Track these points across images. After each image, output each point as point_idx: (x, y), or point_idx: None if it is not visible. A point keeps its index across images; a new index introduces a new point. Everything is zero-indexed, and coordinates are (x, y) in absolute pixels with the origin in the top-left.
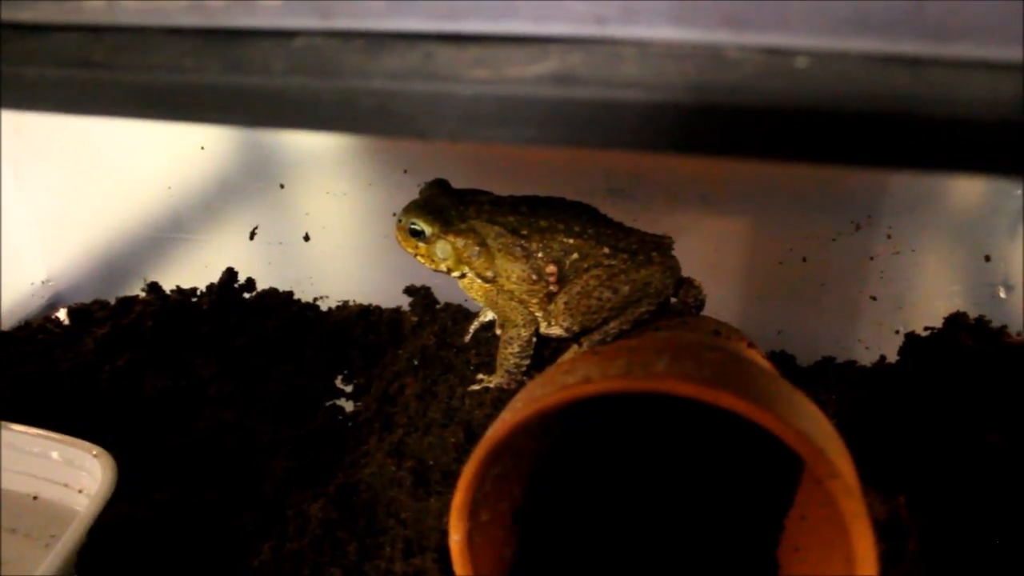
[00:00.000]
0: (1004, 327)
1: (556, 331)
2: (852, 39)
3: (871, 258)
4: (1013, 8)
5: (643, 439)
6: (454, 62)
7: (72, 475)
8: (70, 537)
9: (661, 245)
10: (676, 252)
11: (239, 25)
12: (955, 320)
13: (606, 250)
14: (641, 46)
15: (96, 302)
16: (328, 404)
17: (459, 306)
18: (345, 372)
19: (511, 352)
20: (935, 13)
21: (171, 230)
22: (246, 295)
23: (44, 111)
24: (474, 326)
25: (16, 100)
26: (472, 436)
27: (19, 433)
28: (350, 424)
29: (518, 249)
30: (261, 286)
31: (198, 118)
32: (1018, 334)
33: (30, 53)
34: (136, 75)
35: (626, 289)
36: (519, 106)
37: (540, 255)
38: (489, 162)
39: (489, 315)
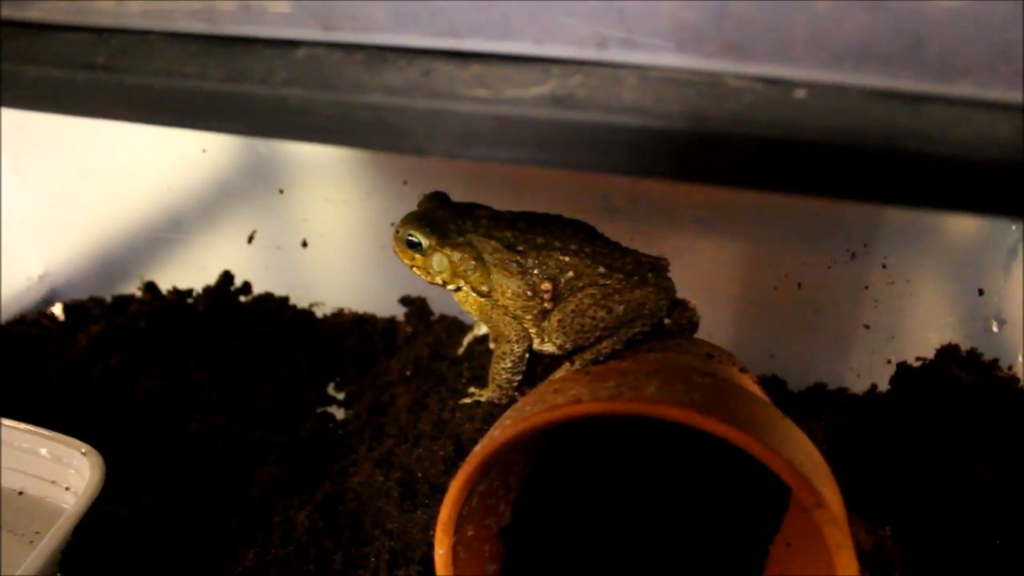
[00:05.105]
0: (996, 360)
1: (549, 348)
2: (852, 73)
3: (866, 287)
4: (1013, 49)
5: (632, 459)
6: (454, 80)
7: (60, 472)
8: (55, 535)
9: (657, 266)
10: (671, 274)
11: (243, 33)
12: (947, 352)
13: (602, 269)
14: (641, 71)
15: (92, 299)
16: (319, 411)
17: (454, 318)
18: (337, 380)
19: (503, 367)
20: (935, 51)
21: (169, 230)
22: (242, 299)
23: (45, 111)
24: (468, 339)
25: (17, 99)
26: (461, 450)
27: (8, 428)
28: (340, 432)
29: (514, 265)
30: (257, 290)
31: (198, 125)
32: (1009, 368)
33: (33, 53)
34: (138, 79)
35: (620, 309)
36: (517, 126)
37: (536, 272)
38: (488, 177)
39: (483, 329)
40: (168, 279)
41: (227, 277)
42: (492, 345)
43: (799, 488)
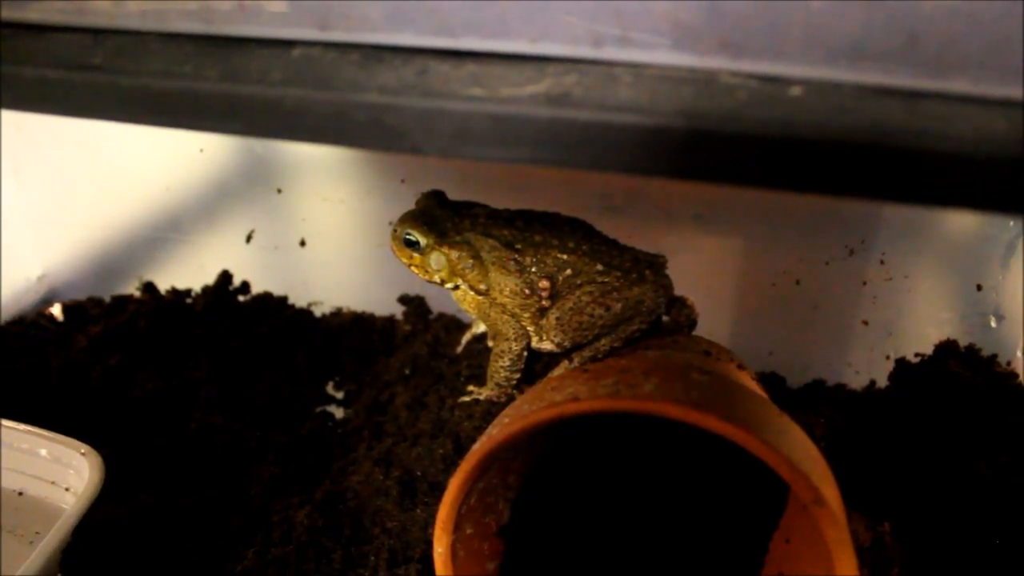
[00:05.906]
0: (994, 356)
1: (547, 346)
2: (848, 70)
3: (864, 283)
4: (1008, 45)
5: (631, 456)
6: (449, 79)
7: (59, 473)
8: (55, 535)
9: (655, 263)
10: (669, 271)
11: (239, 33)
12: (945, 348)
13: (599, 267)
14: (637, 69)
15: (91, 299)
16: (318, 411)
17: (452, 316)
18: (336, 379)
19: (502, 365)
20: (931, 47)
21: (168, 230)
22: (240, 298)
23: (42, 112)
24: (466, 337)
25: (15, 100)
26: (460, 448)
27: (8, 429)
28: (339, 431)
29: (512, 263)
30: (256, 290)
31: (194, 125)
32: (1008, 363)
33: (30, 53)
34: (135, 80)
35: (618, 307)
36: (513, 125)
37: (534, 270)
38: (486, 175)
39: (481, 327)
40: (166, 279)
41: (225, 277)
42: (490, 343)
43: (797, 485)
